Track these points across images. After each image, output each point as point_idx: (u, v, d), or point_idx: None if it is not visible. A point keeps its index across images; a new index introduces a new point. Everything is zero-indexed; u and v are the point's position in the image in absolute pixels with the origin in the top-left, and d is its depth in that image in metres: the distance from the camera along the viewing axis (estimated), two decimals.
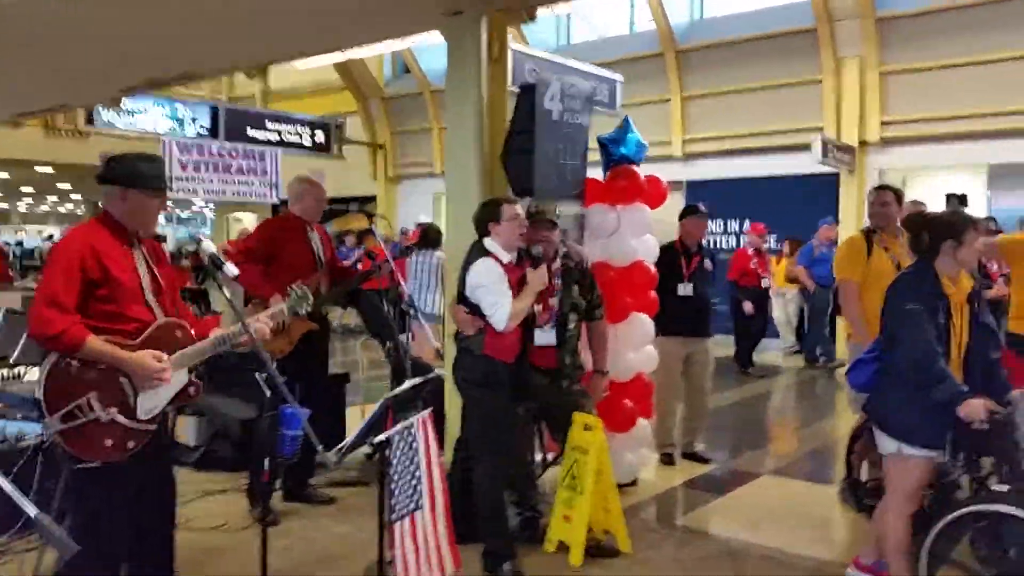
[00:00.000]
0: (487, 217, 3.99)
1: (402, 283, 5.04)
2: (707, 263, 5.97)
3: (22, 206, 41.18)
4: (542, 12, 6.20)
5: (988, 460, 3.42)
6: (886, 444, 3.44)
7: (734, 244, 13.14)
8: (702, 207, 5.97)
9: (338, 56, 15.31)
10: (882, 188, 4.95)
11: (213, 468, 5.46)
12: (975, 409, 3.11)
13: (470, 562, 3.79)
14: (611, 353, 4.58)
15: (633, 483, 5.30)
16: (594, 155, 5.24)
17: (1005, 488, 3.18)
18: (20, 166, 16.36)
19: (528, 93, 4.82)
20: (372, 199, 17.77)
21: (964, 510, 3.22)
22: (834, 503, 5.01)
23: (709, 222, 6.04)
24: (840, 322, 9.56)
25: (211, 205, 22.17)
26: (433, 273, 7.92)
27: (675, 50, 13.15)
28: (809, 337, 11.36)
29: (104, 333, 2.84)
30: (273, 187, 14.25)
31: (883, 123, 11.60)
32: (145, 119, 13.30)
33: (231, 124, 14.67)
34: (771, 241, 12.17)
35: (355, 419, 6.05)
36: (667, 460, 5.89)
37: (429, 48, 15.66)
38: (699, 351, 5.95)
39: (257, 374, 3.32)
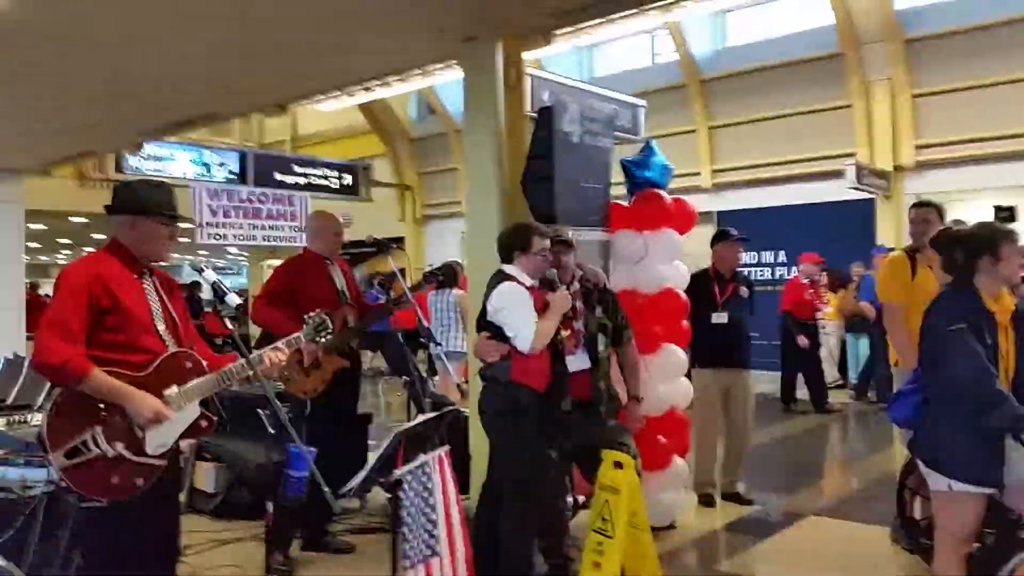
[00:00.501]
0: (516, 244, 3.82)
1: (421, 317, 4.85)
2: (743, 290, 5.70)
3: (61, 258, 41.96)
4: (561, 42, 6.13)
5: None
6: (935, 481, 3.14)
7: (768, 276, 12.81)
8: (734, 232, 5.72)
9: (361, 96, 15.40)
10: (923, 204, 4.68)
11: (232, 516, 5.26)
12: None
13: None
14: (642, 385, 4.33)
15: (670, 526, 4.98)
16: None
17: None
18: (55, 217, 16.58)
19: (546, 116, 4.66)
20: (400, 240, 17.75)
21: None
22: (887, 544, 4.65)
23: (743, 249, 5.75)
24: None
25: (245, 253, 22.36)
26: (452, 310, 7.79)
27: (699, 80, 13.01)
28: (868, 374, 10.74)
29: (112, 364, 2.73)
30: (302, 231, 14.30)
31: (917, 147, 11.30)
32: (173, 166, 13.45)
33: (259, 169, 14.79)
34: None
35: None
36: (706, 501, 5.56)
37: (453, 87, 15.73)
38: (738, 384, 5.65)
39: (260, 411, 3.13)
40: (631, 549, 3.88)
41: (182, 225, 3.15)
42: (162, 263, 3.04)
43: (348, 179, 15.73)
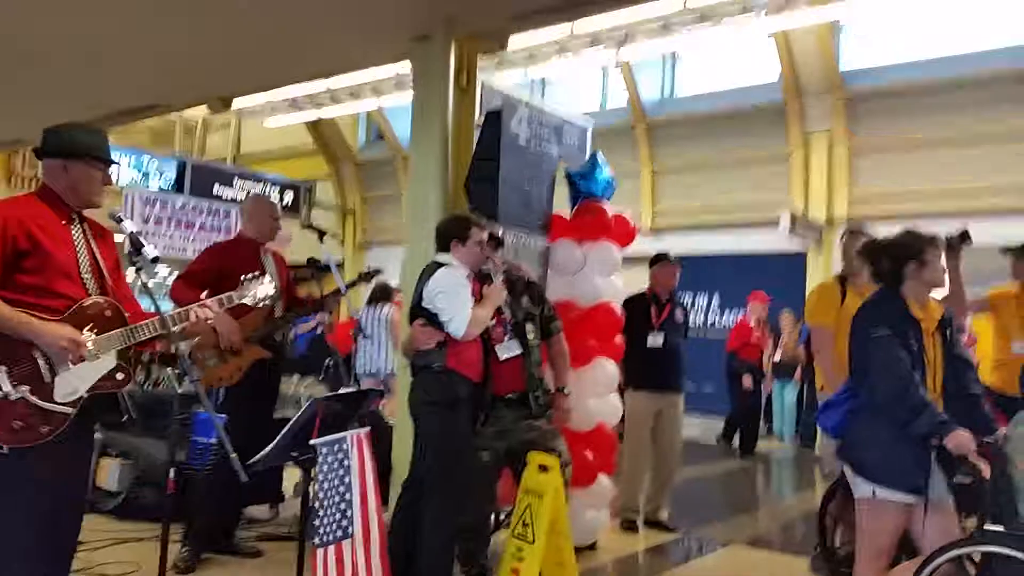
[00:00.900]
0: (453, 233, 3.79)
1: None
2: (679, 313, 5.72)
3: None
4: (516, 52, 6.13)
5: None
6: (860, 487, 3.12)
7: (702, 321, 12.97)
8: (672, 255, 5.75)
9: (311, 113, 15.33)
10: (853, 232, 4.77)
11: (134, 516, 4.93)
12: (963, 441, 2.82)
13: None
14: (572, 399, 4.25)
15: (592, 546, 4.87)
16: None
17: (1000, 528, 2.85)
18: None
19: (494, 117, 4.62)
20: (340, 265, 17.46)
21: (955, 551, 2.88)
22: (806, 574, 4.62)
23: (678, 272, 5.78)
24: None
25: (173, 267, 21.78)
26: (383, 327, 7.60)
27: (646, 123, 13.27)
28: (798, 420, 10.84)
29: (28, 307, 2.58)
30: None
31: (851, 201, 11.65)
32: (115, 171, 13.01)
33: (197, 180, 14.40)
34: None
35: (293, 478, 5.62)
36: (629, 526, 5.47)
37: (403, 115, 15.72)
38: (669, 406, 5.62)
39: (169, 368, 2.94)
40: (550, 557, 3.76)
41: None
42: (95, 208, 2.89)
43: (289, 197, 15.40)
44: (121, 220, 2.82)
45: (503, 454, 3.88)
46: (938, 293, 3.30)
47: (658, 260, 5.73)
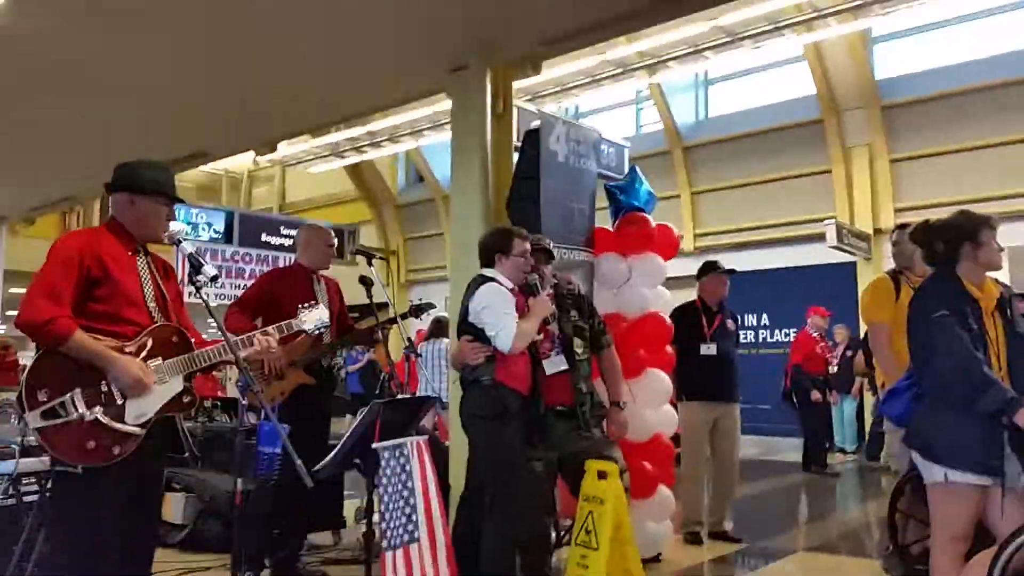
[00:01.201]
0: (497, 247, 3.81)
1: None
2: (730, 323, 5.67)
3: None
4: (548, 82, 6.21)
5: None
6: (930, 473, 3.05)
7: (752, 339, 12.82)
8: (721, 264, 5.73)
9: (352, 157, 15.70)
10: (903, 226, 4.72)
11: (200, 548, 5.03)
12: None
13: None
14: (626, 412, 4.23)
15: (656, 558, 4.80)
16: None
17: None
18: None
19: (533, 136, 4.71)
20: (385, 305, 17.69)
21: None
22: (879, 575, 4.49)
23: (728, 281, 5.75)
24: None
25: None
26: (444, 359, 7.75)
27: (682, 147, 13.32)
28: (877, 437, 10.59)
29: (99, 333, 2.69)
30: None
31: (897, 210, 11.50)
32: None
33: (245, 229, 14.78)
34: (791, 335, 11.87)
35: (353, 507, 5.66)
36: (692, 539, 5.38)
37: (440, 154, 16.00)
38: (726, 416, 5.54)
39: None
40: (616, 564, 3.73)
41: None
42: (157, 243, 3.02)
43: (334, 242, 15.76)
44: (180, 242, 2.94)
45: (556, 464, 3.88)
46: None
47: (707, 270, 5.71)
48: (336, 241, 4.82)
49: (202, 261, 2.86)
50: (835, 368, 10.36)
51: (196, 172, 18.06)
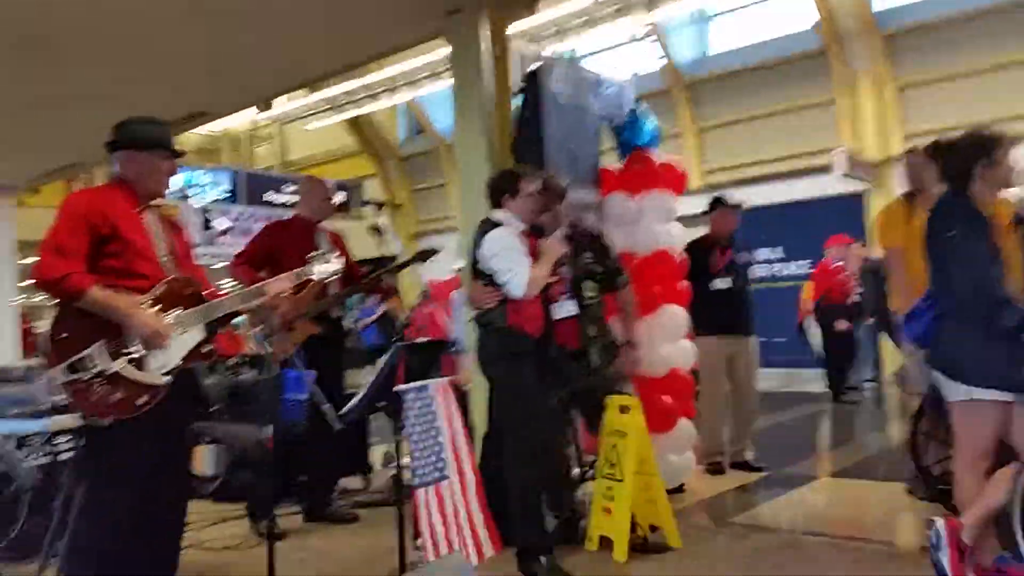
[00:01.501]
0: (504, 188, 3.76)
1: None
2: (741, 255, 5.67)
3: None
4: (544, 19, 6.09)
5: None
6: (952, 391, 3.07)
7: (763, 275, 12.79)
8: (729, 198, 5.71)
9: (351, 111, 15.57)
10: (915, 149, 4.68)
11: (231, 498, 5.14)
12: None
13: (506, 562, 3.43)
14: (638, 330, 4.26)
15: (679, 489, 4.88)
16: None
17: None
18: None
19: (534, 77, 4.65)
20: (392, 259, 17.70)
21: None
22: (903, 497, 4.55)
23: (738, 215, 5.73)
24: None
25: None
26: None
27: (683, 84, 13.14)
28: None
29: (116, 288, 2.73)
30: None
31: (906, 136, 11.36)
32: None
33: (251, 188, 14.86)
34: (805, 267, 11.88)
35: (379, 452, 5.77)
36: (715, 469, 5.46)
37: (441, 103, 15.84)
38: (742, 350, 5.58)
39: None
40: (641, 495, 3.81)
41: None
42: (160, 197, 3.05)
43: (338, 198, 15.78)
44: (188, 197, 2.96)
45: (570, 399, 3.95)
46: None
47: (715, 205, 5.69)
48: (335, 194, 4.80)
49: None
50: (858, 296, 10.34)
51: (195, 135, 17.94)
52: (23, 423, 3.75)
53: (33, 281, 2.73)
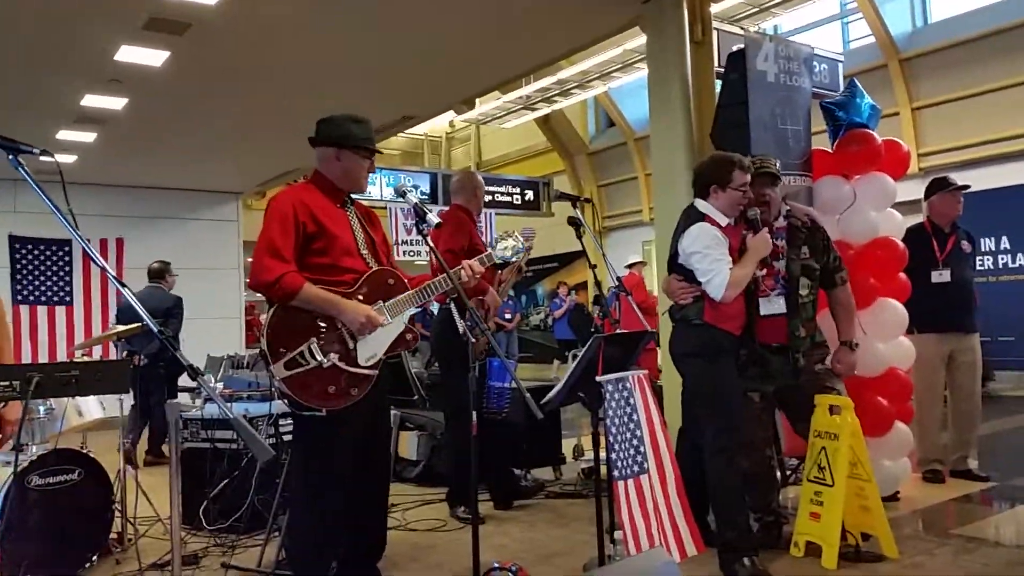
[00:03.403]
0: (714, 177, 3.50)
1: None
2: (965, 244, 5.14)
3: None
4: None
5: None
6: None
7: (989, 265, 11.56)
8: (952, 179, 5.19)
9: (543, 109, 15.82)
10: None
11: (434, 482, 5.40)
12: None
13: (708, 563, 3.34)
14: (857, 331, 3.91)
15: (894, 497, 4.51)
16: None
17: None
18: None
19: (737, 58, 4.47)
20: (582, 254, 17.79)
21: None
22: None
23: (962, 199, 5.20)
24: None
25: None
26: None
27: (899, 59, 12.12)
28: None
29: (322, 284, 2.85)
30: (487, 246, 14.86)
31: None
32: (373, 189, 14.33)
33: (447, 190, 15.51)
34: None
35: (570, 446, 5.81)
36: (933, 477, 5.00)
37: (631, 95, 15.69)
38: (963, 349, 5.07)
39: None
40: (853, 501, 3.56)
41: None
42: (361, 193, 3.17)
43: (530, 195, 16.13)
44: (406, 193, 3.08)
45: (772, 396, 3.73)
46: None
47: (936, 188, 5.19)
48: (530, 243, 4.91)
49: (426, 210, 2.97)
50: None
51: (400, 139, 18.99)
52: (253, 405, 4.12)
53: (249, 282, 2.89)
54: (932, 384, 5.05)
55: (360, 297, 2.89)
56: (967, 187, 5.18)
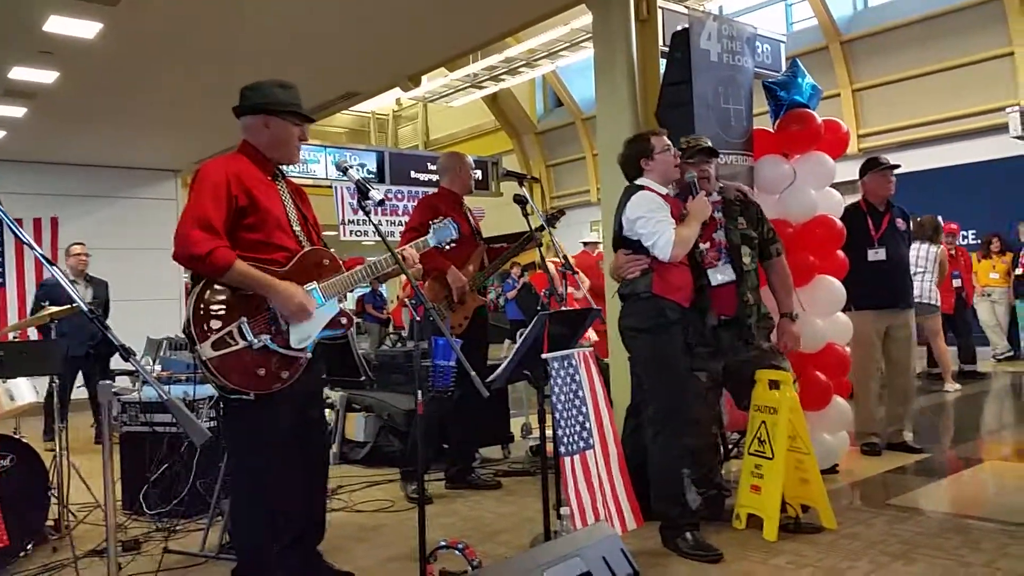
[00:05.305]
0: (638, 153, 3.63)
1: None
2: (899, 222, 5.28)
3: None
4: None
5: None
6: None
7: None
8: (885, 159, 5.31)
9: (491, 87, 15.73)
10: None
11: (381, 463, 5.38)
12: None
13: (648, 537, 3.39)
14: (795, 301, 4.01)
15: (833, 469, 4.64)
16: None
17: None
18: None
19: (681, 37, 4.49)
20: (541, 228, 17.81)
21: None
22: None
23: (894, 177, 5.32)
24: None
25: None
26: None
27: (840, 40, 12.36)
28: None
29: (252, 262, 2.68)
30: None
31: None
32: (317, 168, 14.03)
33: (395, 167, 15.34)
34: (970, 237, 11.00)
35: (518, 424, 5.84)
36: (870, 450, 5.15)
37: (578, 75, 15.71)
38: (899, 324, 5.22)
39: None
40: (793, 474, 3.65)
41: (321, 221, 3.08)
42: (292, 164, 3.01)
43: (478, 174, 16.05)
44: (347, 169, 2.98)
45: (721, 374, 3.79)
46: None
47: (869, 167, 5.30)
48: (473, 167, 4.91)
49: (369, 186, 2.87)
50: (1021, 270, 9.56)
51: (346, 117, 18.69)
52: (194, 387, 4.03)
53: (174, 254, 2.64)
54: (869, 359, 5.19)
55: (291, 275, 2.73)
56: (898, 166, 5.31)
